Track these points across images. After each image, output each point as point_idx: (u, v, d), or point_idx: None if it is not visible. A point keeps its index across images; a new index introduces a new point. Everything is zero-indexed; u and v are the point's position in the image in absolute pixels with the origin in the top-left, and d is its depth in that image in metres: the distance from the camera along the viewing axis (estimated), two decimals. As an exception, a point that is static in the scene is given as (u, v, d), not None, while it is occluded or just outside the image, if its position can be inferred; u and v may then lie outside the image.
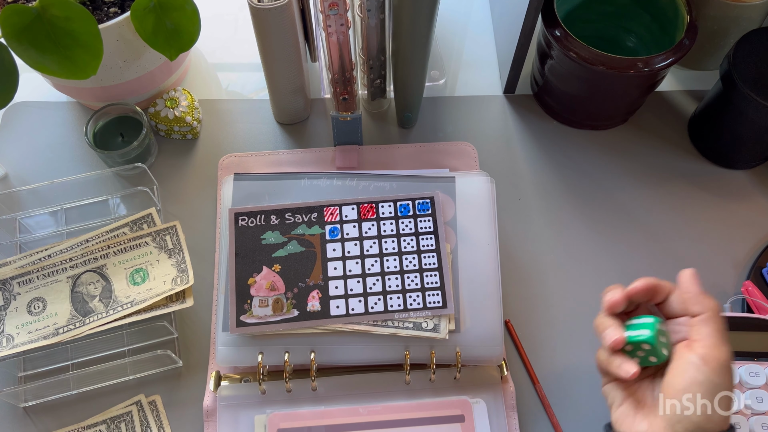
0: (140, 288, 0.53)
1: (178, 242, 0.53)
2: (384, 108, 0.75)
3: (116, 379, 0.60)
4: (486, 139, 0.73)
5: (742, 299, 0.63)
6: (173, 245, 0.53)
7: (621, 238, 0.67)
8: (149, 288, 0.53)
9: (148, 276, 0.53)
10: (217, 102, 0.75)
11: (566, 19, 0.67)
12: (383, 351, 0.57)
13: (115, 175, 0.69)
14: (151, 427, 0.58)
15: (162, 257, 0.53)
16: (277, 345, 0.57)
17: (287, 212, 0.61)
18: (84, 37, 0.55)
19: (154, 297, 0.54)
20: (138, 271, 0.53)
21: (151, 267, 0.53)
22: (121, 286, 0.53)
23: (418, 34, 0.60)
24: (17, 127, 0.73)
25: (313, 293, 0.58)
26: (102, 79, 0.65)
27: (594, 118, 0.73)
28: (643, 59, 0.63)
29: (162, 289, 0.53)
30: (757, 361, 0.58)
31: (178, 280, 0.53)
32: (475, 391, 0.59)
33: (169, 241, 0.53)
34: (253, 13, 0.58)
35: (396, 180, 0.63)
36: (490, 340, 0.58)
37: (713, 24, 0.69)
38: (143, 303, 0.53)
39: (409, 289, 0.58)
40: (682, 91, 0.76)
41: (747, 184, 0.71)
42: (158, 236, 0.53)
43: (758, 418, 0.56)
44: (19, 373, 0.60)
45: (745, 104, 0.63)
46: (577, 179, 0.71)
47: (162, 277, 0.53)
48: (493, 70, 0.78)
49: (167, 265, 0.53)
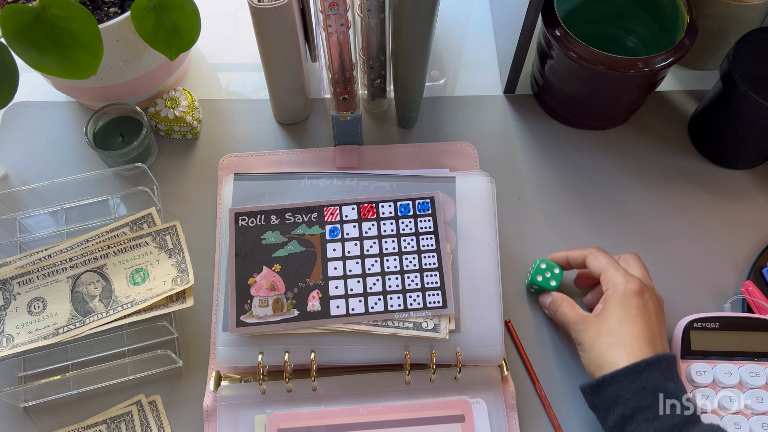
0: (140, 288, 0.53)
1: (178, 242, 0.53)
2: (384, 108, 0.75)
3: (116, 379, 0.60)
4: (486, 139, 0.73)
5: (742, 299, 0.63)
6: (173, 245, 0.53)
7: (621, 238, 0.67)
8: (149, 288, 0.53)
9: (149, 276, 0.53)
10: (217, 102, 0.75)
11: (566, 19, 0.67)
12: (383, 351, 0.57)
13: (115, 175, 0.69)
14: (151, 427, 0.58)
15: (162, 257, 0.52)
16: (277, 345, 0.57)
17: (287, 212, 0.61)
18: (84, 37, 0.55)
19: (154, 297, 0.54)
20: (138, 271, 0.53)
21: (151, 267, 0.53)
22: (122, 286, 0.53)
23: (418, 34, 0.60)
24: (17, 127, 0.73)
25: (313, 293, 0.58)
26: (102, 79, 0.65)
27: (594, 118, 0.73)
28: (643, 59, 0.63)
29: (162, 289, 0.53)
30: (757, 361, 0.58)
31: (178, 280, 0.53)
32: (475, 391, 0.59)
33: (169, 241, 0.52)
34: (253, 13, 0.58)
35: (396, 180, 0.63)
36: (490, 340, 0.58)
37: (713, 24, 0.69)
38: (143, 303, 0.53)
39: (409, 289, 0.58)
40: (682, 91, 0.76)
41: (747, 184, 0.71)
42: (158, 236, 0.53)
43: (758, 418, 0.56)
44: (19, 373, 0.60)
45: (745, 104, 0.63)
46: (577, 179, 0.71)
47: (162, 277, 0.53)
48: (493, 70, 0.78)
49: (167, 265, 0.53)
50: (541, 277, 0.62)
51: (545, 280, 0.62)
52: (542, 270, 0.62)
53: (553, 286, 0.62)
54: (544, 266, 0.62)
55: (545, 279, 0.62)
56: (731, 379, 0.57)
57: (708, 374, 0.57)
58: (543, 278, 0.62)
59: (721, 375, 0.57)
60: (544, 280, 0.62)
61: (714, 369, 0.58)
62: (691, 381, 0.58)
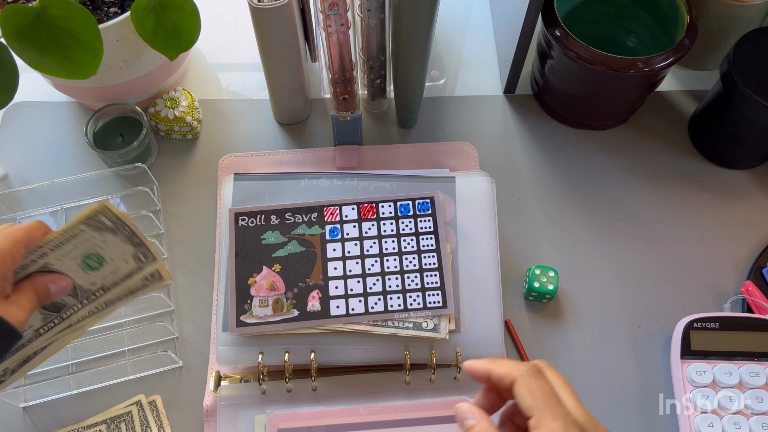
0: (102, 272, 0.50)
1: (116, 218, 0.49)
2: (384, 108, 0.75)
3: (116, 379, 0.60)
4: (486, 139, 0.73)
5: (742, 299, 0.63)
6: (112, 222, 0.49)
7: (621, 238, 0.67)
8: (113, 270, 0.50)
9: (104, 259, 0.50)
10: (217, 102, 0.75)
11: (566, 19, 0.67)
12: (383, 351, 0.57)
13: (115, 175, 0.69)
14: (151, 427, 0.58)
15: (107, 237, 0.49)
16: (277, 345, 0.57)
17: (287, 212, 0.61)
18: (84, 37, 0.55)
19: (123, 278, 0.50)
20: (89, 257, 0.50)
21: (100, 249, 0.50)
22: (78, 274, 0.50)
23: (418, 34, 0.60)
24: (17, 127, 0.73)
25: (313, 293, 0.58)
26: (102, 79, 0.65)
27: (594, 118, 0.73)
28: (643, 59, 0.63)
29: (127, 267, 0.50)
30: (757, 361, 0.58)
31: (140, 255, 0.51)
32: (475, 391, 0.59)
33: (106, 221, 0.49)
34: (253, 13, 0.58)
35: (396, 180, 0.63)
36: (490, 340, 0.58)
37: (713, 24, 0.69)
38: (116, 286, 0.50)
39: (409, 289, 0.58)
40: (682, 91, 0.76)
41: (747, 184, 0.71)
42: (91, 221, 0.50)
43: (758, 418, 0.56)
44: (19, 373, 0.60)
45: (745, 104, 0.63)
46: (577, 179, 0.71)
47: (120, 255, 0.50)
48: (493, 70, 0.78)
49: (117, 242, 0.50)
50: (537, 283, 0.62)
51: (542, 285, 0.62)
52: (537, 276, 0.62)
53: (551, 290, 0.62)
54: (538, 272, 0.62)
55: (542, 284, 0.62)
56: (731, 379, 0.57)
57: (708, 374, 0.57)
58: (540, 284, 0.62)
59: (721, 375, 0.57)
60: (541, 286, 0.62)
61: (714, 369, 0.58)
62: (691, 381, 0.58)
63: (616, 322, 0.63)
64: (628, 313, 0.64)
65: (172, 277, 0.65)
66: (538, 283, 0.62)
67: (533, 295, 0.63)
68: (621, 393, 0.60)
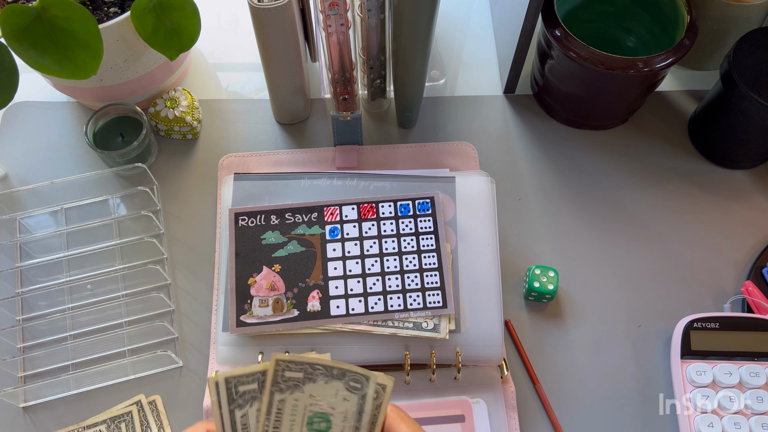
0: (336, 428, 0.41)
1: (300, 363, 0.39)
2: (384, 108, 0.75)
3: (116, 379, 0.60)
4: (486, 139, 0.73)
5: (742, 299, 0.63)
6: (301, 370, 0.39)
7: (621, 238, 0.67)
8: (343, 417, 0.39)
9: (326, 413, 0.39)
10: (217, 102, 0.75)
11: (566, 19, 0.67)
12: (383, 351, 0.57)
13: (115, 175, 0.69)
14: (151, 427, 0.58)
15: (309, 388, 0.38)
16: (277, 345, 0.57)
17: (287, 212, 0.61)
18: (84, 37, 0.55)
19: (358, 417, 0.41)
20: (311, 423, 0.41)
21: (313, 407, 0.40)
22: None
23: (418, 34, 0.60)
24: (17, 127, 0.73)
25: (313, 293, 0.58)
26: (102, 79, 0.65)
27: (594, 118, 0.73)
28: (643, 59, 0.63)
29: (353, 405, 0.38)
30: (757, 361, 0.58)
31: (352, 383, 0.40)
32: (475, 391, 0.59)
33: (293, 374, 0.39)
34: (253, 13, 0.58)
35: (396, 180, 0.63)
36: (490, 340, 0.58)
37: (713, 24, 0.69)
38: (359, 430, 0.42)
39: (409, 289, 0.58)
40: (682, 91, 0.76)
41: (747, 184, 0.71)
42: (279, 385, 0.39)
43: (758, 418, 0.56)
44: (19, 373, 0.60)
45: (745, 104, 0.63)
46: (577, 179, 0.71)
47: (336, 398, 0.39)
48: (493, 70, 0.78)
49: (322, 387, 0.38)
50: (537, 283, 0.62)
51: (542, 285, 0.62)
52: (537, 276, 0.62)
53: (552, 290, 0.62)
54: (538, 272, 0.62)
55: (542, 284, 0.62)
56: (731, 379, 0.57)
57: (708, 374, 0.57)
58: (540, 284, 0.62)
59: (721, 375, 0.57)
60: (541, 286, 0.62)
61: (714, 369, 0.58)
62: (691, 381, 0.58)
63: (616, 322, 0.63)
64: (628, 313, 0.64)
65: (172, 277, 0.65)
66: (538, 283, 0.62)
67: (533, 295, 0.63)
68: (621, 393, 0.60)
